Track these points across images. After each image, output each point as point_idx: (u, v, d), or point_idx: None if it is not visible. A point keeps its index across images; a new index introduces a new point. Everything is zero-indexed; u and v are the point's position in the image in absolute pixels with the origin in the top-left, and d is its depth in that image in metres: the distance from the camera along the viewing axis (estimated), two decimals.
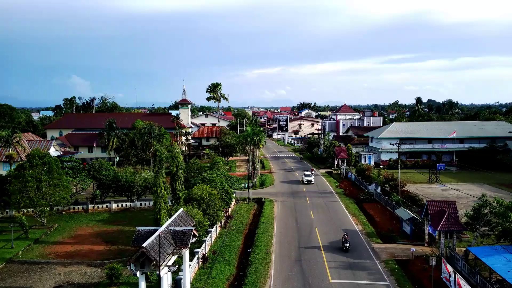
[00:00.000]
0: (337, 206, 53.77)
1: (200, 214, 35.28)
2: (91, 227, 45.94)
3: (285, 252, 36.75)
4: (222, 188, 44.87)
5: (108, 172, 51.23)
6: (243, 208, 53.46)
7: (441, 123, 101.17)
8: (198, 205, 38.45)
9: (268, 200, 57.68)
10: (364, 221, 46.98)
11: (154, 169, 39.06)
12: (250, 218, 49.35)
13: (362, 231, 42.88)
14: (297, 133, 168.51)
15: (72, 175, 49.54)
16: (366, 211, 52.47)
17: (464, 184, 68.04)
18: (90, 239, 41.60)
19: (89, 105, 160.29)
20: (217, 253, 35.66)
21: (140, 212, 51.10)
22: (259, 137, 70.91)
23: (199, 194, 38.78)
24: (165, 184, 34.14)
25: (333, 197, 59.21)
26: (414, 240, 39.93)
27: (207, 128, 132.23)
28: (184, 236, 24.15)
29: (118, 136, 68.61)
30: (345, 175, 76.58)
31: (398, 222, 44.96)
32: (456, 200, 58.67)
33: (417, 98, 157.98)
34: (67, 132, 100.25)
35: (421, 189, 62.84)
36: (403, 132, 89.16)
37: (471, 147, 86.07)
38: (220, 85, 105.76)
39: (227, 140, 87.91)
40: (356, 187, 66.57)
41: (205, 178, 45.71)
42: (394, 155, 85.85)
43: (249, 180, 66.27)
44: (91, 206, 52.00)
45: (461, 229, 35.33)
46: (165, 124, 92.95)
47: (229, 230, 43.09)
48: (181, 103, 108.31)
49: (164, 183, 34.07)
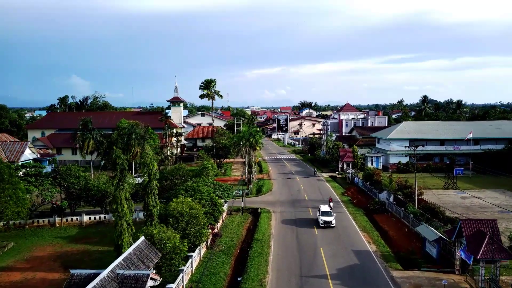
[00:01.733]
0: (344, 218, 46.46)
1: (176, 237, 28.01)
2: (53, 246, 38.62)
3: (283, 283, 29.46)
4: (209, 200, 37.60)
5: (77, 180, 43.91)
6: (235, 221, 46.14)
7: (453, 123, 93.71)
8: (176, 223, 31.21)
9: (265, 210, 50.36)
10: (377, 238, 39.61)
11: (143, 171, 31.84)
12: (242, 234, 42.01)
13: (377, 253, 35.50)
14: (298, 133, 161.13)
15: (34, 184, 42.18)
16: (378, 225, 45.16)
17: (485, 191, 60.81)
18: (47, 263, 34.29)
19: (82, 104, 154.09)
20: (197, 286, 28.34)
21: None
22: (256, 138, 63.43)
23: (177, 209, 31.52)
24: (128, 200, 26.89)
25: (339, 207, 51.86)
26: (441, 264, 32.69)
27: (202, 128, 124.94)
28: (136, 285, 16.86)
29: (95, 138, 61.03)
30: (351, 180, 69.24)
31: (418, 239, 37.77)
32: (479, 210, 52.09)
33: (423, 96, 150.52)
34: (50, 132, 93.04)
35: (437, 196, 55.55)
36: (413, 132, 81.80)
37: (487, 149, 78.79)
38: (214, 82, 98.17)
39: (221, 141, 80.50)
40: (364, 195, 59.23)
41: (189, 188, 38.37)
42: (404, 158, 78.65)
43: (243, 186, 58.95)
44: (58, 219, 44.68)
45: (508, 258, 28.04)
46: (155, 124, 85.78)
47: (216, 251, 35.75)
48: (172, 101, 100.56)
49: (128, 199, 26.82)
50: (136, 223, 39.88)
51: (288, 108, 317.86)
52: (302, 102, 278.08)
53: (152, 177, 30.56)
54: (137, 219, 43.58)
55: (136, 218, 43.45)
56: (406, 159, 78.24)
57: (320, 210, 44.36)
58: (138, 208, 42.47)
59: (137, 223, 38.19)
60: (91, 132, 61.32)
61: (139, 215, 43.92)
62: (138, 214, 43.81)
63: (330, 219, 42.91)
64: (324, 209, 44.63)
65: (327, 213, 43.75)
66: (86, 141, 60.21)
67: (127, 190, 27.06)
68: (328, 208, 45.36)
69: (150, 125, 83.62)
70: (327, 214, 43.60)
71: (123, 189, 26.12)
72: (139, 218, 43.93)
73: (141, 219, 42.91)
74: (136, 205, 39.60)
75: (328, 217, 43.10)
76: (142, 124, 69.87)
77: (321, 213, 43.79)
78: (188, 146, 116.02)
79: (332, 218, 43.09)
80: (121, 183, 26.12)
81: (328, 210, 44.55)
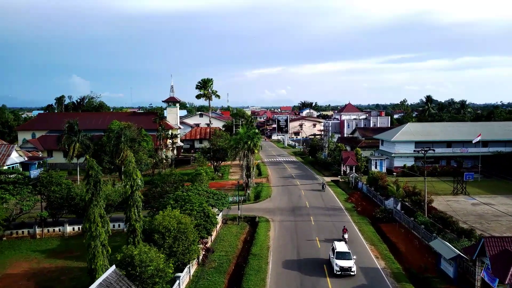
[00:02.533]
0: (349, 229, 42.90)
1: (160, 257, 24.58)
2: (30, 261, 35.17)
3: None
4: (201, 211, 34.16)
5: (59, 187, 40.42)
6: (231, 231, 42.66)
7: (460, 124, 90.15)
8: (162, 240, 27.78)
9: (263, 219, 46.90)
10: (386, 252, 36.13)
11: (125, 181, 28.35)
12: (238, 247, 38.53)
13: (387, 270, 32.00)
14: (298, 134, 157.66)
15: (12, 192, 38.71)
16: (385, 236, 41.67)
17: (496, 197, 57.38)
18: (21, 282, 30.86)
19: (79, 104, 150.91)
20: None
21: None
22: (254, 141, 60.04)
23: (164, 224, 28.08)
24: (104, 218, 23.45)
25: (343, 215, 48.42)
26: (459, 285, 29.24)
27: (200, 129, 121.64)
28: None
29: (81, 141, 57.38)
30: (354, 185, 65.75)
31: (431, 253, 34.39)
32: (493, 219, 48.52)
33: (427, 96, 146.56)
34: (41, 134, 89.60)
35: (447, 203, 52.08)
36: (419, 134, 78.31)
37: (496, 152, 75.33)
38: (211, 81, 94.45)
39: (218, 143, 77.00)
40: (369, 201, 55.76)
41: (179, 198, 34.89)
42: (409, 161, 75.18)
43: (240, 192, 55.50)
44: (39, 230, 41.23)
45: None
46: (151, 125, 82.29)
47: (209, 268, 32.29)
48: (168, 101, 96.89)
49: (103, 216, 23.38)
50: (123, 235, 36.51)
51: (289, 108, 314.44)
52: (302, 102, 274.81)
53: (135, 188, 27.11)
54: (124, 229, 40.10)
55: (124, 229, 40.01)
56: (412, 162, 74.78)
57: (335, 250, 31.78)
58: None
59: (124, 235, 34.94)
60: (77, 135, 57.65)
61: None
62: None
63: (349, 265, 30.38)
64: (340, 248, 32.03)
65: (344, 255, 31.19)
66: (72, 144, 56.63)
67: (102, 206, 23.62)
68: (344, 246, 32.65)
69: (146, 126, 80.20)
70: (345, 256, 31.06)
71: (97, 205, 22.69)
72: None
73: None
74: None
75: (346, 262, 30.64)
76: (134, 126, 66.37)
77: (336, 254, 31.27)
78: (186, 147, 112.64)
79: (351, 262, 30.63)
80: (95, 198, 22.69)
81: (346, 250, 31.96)
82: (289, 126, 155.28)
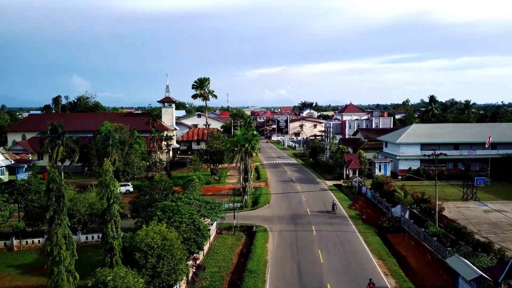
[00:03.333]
0: (354, 240, 39.62)
1: (139, 282, 21.19)
2: (3, 278, 31.75)
3: None
4: (191, 223, 30.78)
5: (38, 195, 37.05)
6: (225, 243, 39.26)
7: (466, 125, 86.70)
8: (144, 259, 24.41)
9: (261, 229, 43.49)
10: (395, 268, 32.72)
11: (100, 192, 24.91)
12: (233, 262, 35.13)
13: None
14: (299, 135, 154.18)
15: None
16: (393, 248, 38.24)
17: (508, 203, 54.08)
18: None
19: (77, 104, 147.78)
20: None
21: (83, 250, 36.59)
22: (252, 143, 56.53)
23: (146, 241, 24.70)
24: (69, 239, 20.09)
25: (347, 225, 45.04)
26: None
27: (197, 130, 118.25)
28: None
29: (65, 144, 53.86)
30: (358, 190, 62.34)
31: (445, 269, 31.07)
32: (509, 228, 44.93)
33: (430, 96, 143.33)
34: (32, 135, 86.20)
35: (457, 209, 48.61)
36: (425, 135, 74.90)
37: (506, 154, 71.93)
38: (208, 81, 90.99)
39: (215, 145, 73.63)
40: (374, 208, 52.32)
41: (167, 208, 31.48)
42: (414, 163, 71.74)
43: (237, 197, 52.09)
44: (16, 242, 37.85)
45: None
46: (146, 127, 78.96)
47: None
48: (163, 101, 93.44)
49: (68, 237, 20.03)
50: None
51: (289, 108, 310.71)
52: (303, 102, 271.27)
53: (113, 200, 23.74)
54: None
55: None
56: (417, 165, 71.35)
57: None
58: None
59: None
60: (61, 137, 54.12)
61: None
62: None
63: None
64: None
65: None
66: (56, 148, 53.12)
67: (67, 225, 20.26)
68: None
69: (140, 127, 76.90)
70: None
71: (60, 224, 19.35)
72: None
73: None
74: (123, 220, 33.04)
75: None
76: (126, 128, 62.95)
77: None
78: (183, 149, 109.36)
79: None
80: (58, 216, 19.35)
81: None
82: (289, 126, 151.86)
